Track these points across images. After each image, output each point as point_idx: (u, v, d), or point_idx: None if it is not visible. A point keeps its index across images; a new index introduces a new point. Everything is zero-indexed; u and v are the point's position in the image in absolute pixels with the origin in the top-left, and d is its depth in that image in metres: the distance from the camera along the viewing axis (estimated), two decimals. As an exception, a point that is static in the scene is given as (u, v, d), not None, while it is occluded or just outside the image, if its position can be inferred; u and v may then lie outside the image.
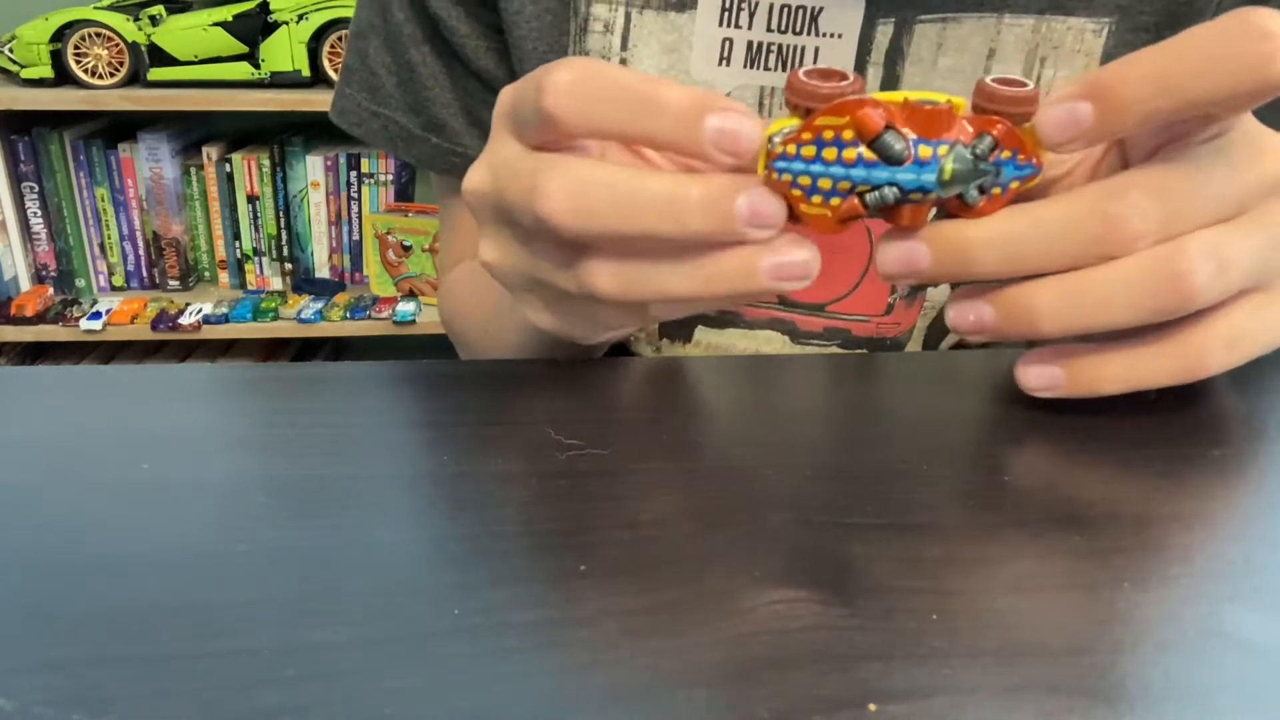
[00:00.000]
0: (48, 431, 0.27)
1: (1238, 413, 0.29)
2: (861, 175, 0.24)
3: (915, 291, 0.50)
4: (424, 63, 0.51)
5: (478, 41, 0.50)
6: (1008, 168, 0.25)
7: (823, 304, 0.50)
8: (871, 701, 0.18)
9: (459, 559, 0.21)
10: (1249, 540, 0.22)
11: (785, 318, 0.51)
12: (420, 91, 0.52)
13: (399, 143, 0.53)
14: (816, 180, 0.25)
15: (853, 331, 0.51)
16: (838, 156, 0.24)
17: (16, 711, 0.17)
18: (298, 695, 0.18)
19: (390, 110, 0.53)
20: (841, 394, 0.31)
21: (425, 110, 0.52)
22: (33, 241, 1.65)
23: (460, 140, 0.52)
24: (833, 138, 0.24)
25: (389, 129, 0.53)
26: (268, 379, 0.31)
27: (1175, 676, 0.18)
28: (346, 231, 1.69)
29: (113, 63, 1.48)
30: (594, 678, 0.18)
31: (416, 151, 0.53)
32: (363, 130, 0.54)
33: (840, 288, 0.50)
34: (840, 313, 0.50)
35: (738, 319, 0.51)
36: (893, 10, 0.43)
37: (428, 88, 0.52)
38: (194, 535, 0.22)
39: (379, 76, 0.53)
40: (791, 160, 0.25)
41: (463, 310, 0.52)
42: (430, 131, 0.52)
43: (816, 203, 0.25)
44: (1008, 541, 0.22)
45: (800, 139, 0.24)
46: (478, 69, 0.50)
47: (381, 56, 0.53)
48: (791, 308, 0.50)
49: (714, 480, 0.25)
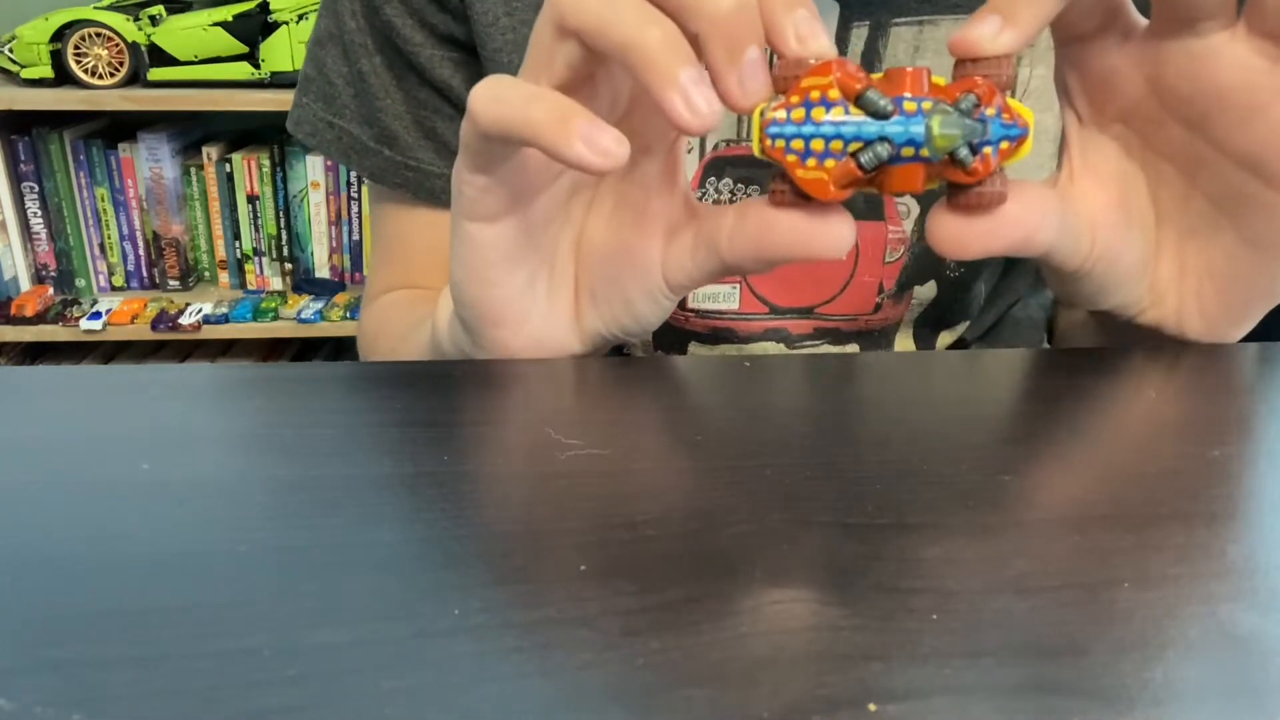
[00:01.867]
0: (48, 431, 0.27)
1: (1238, 413, 0.29)
2: (852, 131, 0.25)
3: (903, 291, 0.50)
4: (375, 73, 0.50)
5: (432, 50, 0.49)
6: (994, 124, 0.26)
7: (811, 307, 0.50)
8: (871, 701, 0.18)
9: (459, 559, 0.21)
10: (1249, 540, 0.22)
11: (779, 325, 0.51)
12: (372, 102, 0.51)
13: (352, 155, 0.52)
14: (809, 142, 0.25)
15: (841, 329, 0.51)
16: (825, 115, 0.25)
17: (16, 711, 0.17)
18: (298, 695, 0.18)
19: (345, 121, 0.52)
20: (841, 394, 0.31)
21: (378, 121, 0.51)
22: (33, 241, 1.65)
23: (412, 153, 0.51)
24: (819, 98, 0.25)
25: (343, 140, 0.52)
26: (268, 379, 0.31)
27: (1175, 676, 0.18)
28: (346, 231, 1.69)
29: (113, 63, 1.48)
30: (594, 678, 0.18)
31: (369, 164, 0.52)
32: (317, 141, 0.53)
33: (828, 290, 0.50)
34: (828, 314, 0.50)
35: (731, 335, 0.51)
36: (867, 14, 0.43)
37: (379, 98, 0.50)
38: (194, 535, 0.22)
39: (335, 86, 0.52)
40: (783, 125, 0.26)
41: (386, 345, 0.50)
42: (383, 144, 0.51)
43: (811, 165, 0.26)
44: (1008, 541, 0.22)
45: (789, 103, 0.25)
46: (432, 79, 0.49)
47: (339, 66, 0.51)
48: (781, 315, 0.50)
49: (714, 480, 0.25)
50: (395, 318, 0.51)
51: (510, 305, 0.31)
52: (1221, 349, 0.34)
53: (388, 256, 0.56)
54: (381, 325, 0.52)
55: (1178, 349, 0.34)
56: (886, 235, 0.48)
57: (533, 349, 0.32)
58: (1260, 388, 0.30)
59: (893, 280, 0.50)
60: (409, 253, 0.54)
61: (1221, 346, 0.34)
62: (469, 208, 0.30)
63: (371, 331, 0.54)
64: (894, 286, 0.50)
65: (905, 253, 0.49)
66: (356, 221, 1.69)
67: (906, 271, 0.50)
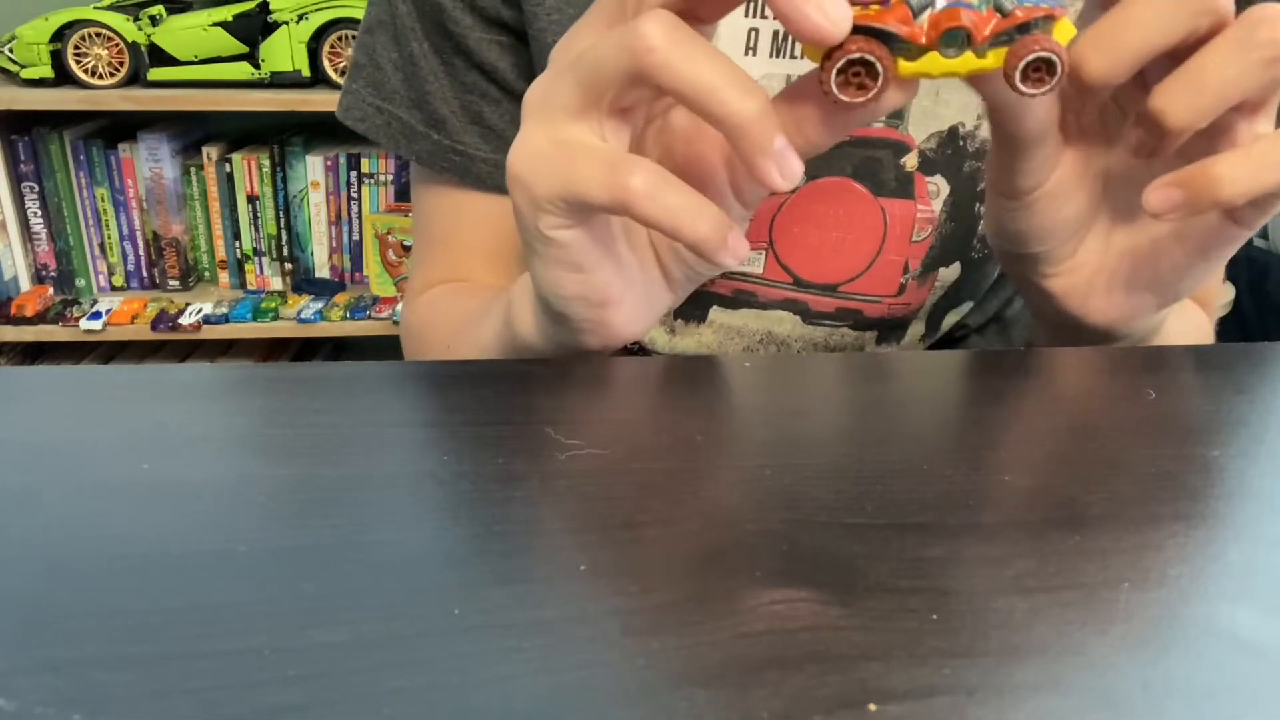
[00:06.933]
0: (48, 431, 0.27)
1: (1238, 413, 0.29)
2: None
3: (927, 272, 0.50)
4: (424, 57, 0.51)
5: (481, 34, 0.49)
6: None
7: (835, 284, 0.50)
8: (871, 701, 0.18)
9: (459, 559, 0.21)
10: (1249, 540, 0.22)
11: (798, 298, 0.51)
12: (421, 86, 0.51)
13: (401, 139, 0.53)
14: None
15: (864, 312, 0.51)
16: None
17: (16, 711, 0.17)
18: (298, 695, 0.17)
19: (394, 106, 0.52)
20: (842, 394, 0.31)
21: (426, 105, 0.52)
22: (33, 241, 1.65)
23: (460, 138, 0.51)
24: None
25: (391, 125, 0.53)
26: (268, 379, 0.31)
27: (1175, 676, 0.18)
28: (346, 231, 1.69)
29: (113, 63, 1.48)
30: (594, 678, 0.18)
31: (418, 148, 0.52)
32: (366, 126, 0.53)
33: (855, 267, 0.50)
34: (853, 293, 0.50)
35: (752, 299, 0.51)
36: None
37: (428, 82, 0.51)
38: (194, 535, 0.22)
39: (385, 71, 0.52)
40: None
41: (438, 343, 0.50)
42: (431, 128, 0.52)
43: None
44: (1008, 541, 0.22)
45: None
46: (480, 61, 0.50)
47: (388, 52, 0.52)
48: (805, 288, 0.50)
49: (714, 480, 0.25)
50: (445, 313, 0.51)
51: (612, 285, 0.32)
52: (1222, 349, 0.34)
53: (430, 247, 0.56)
54: (430, 322, 0.52)
55: (1178, 349, 0.34)
56: (915, 214, 0.48)
57: (637, 316, 0.33)
58: (1260, 388, 0.30)
59: (918, 261, 0.50)
60: (453, 241, 0.55)
61: (1221, 346, 0.34)
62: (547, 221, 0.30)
63: (418, 329, 0.54)
64: (919, 267, 0.50)
65: (933, 233, 0.49)
66: (356, 221, 1.69)
67: (933, 252, 0.50)
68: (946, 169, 0.48)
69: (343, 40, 1.51)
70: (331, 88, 1.52)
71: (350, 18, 1.49)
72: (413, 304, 0.56)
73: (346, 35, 1.50)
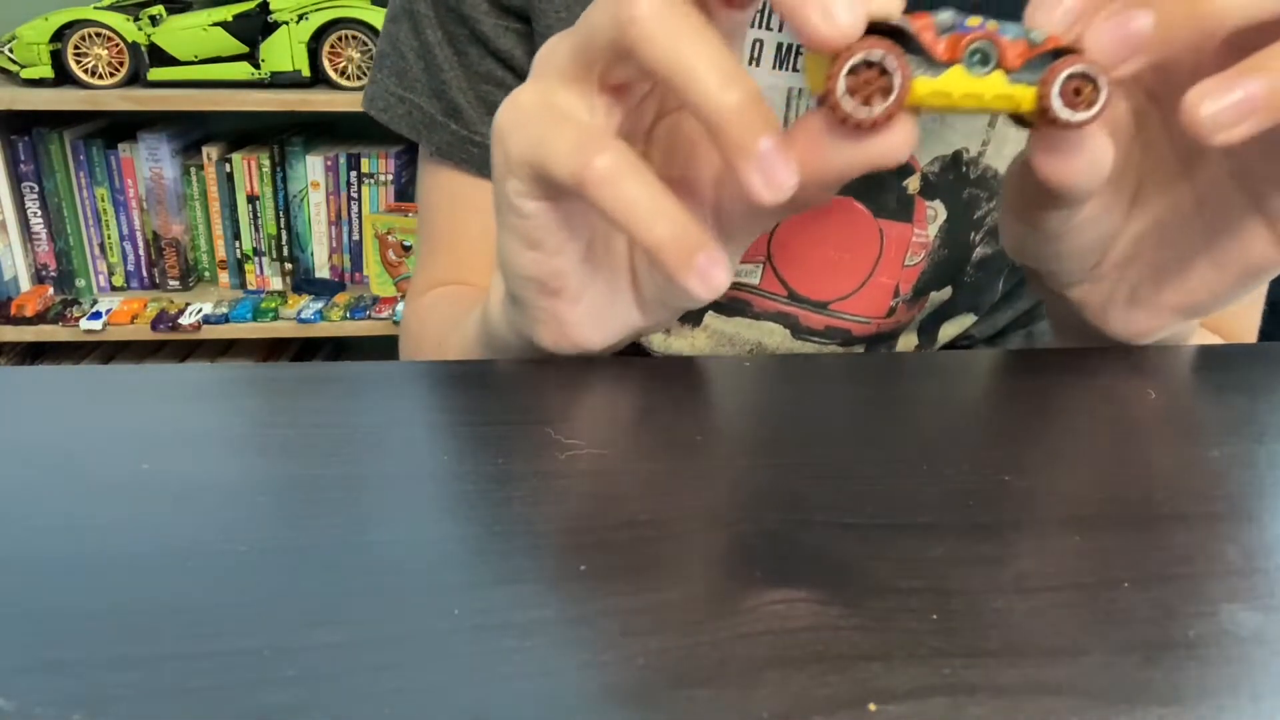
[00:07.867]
0: (48, 431, 0.27)
1: (1238, 413, 0.29)
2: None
3: (918, 296, 0.50)
4: (439, 45, 0.51)
5: (496, 20, 0.49)
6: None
7: (826, 301, 0.50)
8: (871, 701, 0.18)
9: (459, 559, 0.21)
10: (1249, 540, 0.22)
11: (790, 312, 0.51)
12: (438, 74, 0.51)
13: (422, 129, 0.52)
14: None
15: (852, 332, 0.51)
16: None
17: (16, 711, 0.17)
18: (298, 695, 0.17)
19: (415, 95, 0.52)
20: (841, 394, 0.31)
21: (444, 94, 0.51)
22: (33, 241, 1.65)
23: (476, 128, 0.51)
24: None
25: (413, 115, 0.53)
26: (268, 379, 0.31)
27: (1175, 676, 0.18)
28: (346, 231, 1.69)
29: (113, 63, 1.48)
30: (594, 678, 0.18)
31: (438, 139, 0.52)
32: (389, 116, 0.53)
33: (846, 287, 0.50)
34: (842, 312, 0.50)
35: (746, 308, 0.51)
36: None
37: (444, 70, 0.51)
38: (194, 535, 0.22)
39: (407, 60, 0.52)
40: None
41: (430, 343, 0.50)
42: (450, 117, 0.52)
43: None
44: (1008, 541, 0.22)
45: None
46: (496, 48, 0.50)
47: (410, 40, 0.52)
48: (798, 303, 0.50)
49: (714, 480, 0.25)
50: (440, 314, 0.50)
51: (569, 275, 0.29)
52: (1222, 349, 0.34)
53: (434, 246, 0.55)
54: (425, 322, 0.52)
55: (1178, 349, 0.34)
56: (912, 238, 0.48)
57: (593, 321, 0.30)
58: (1260, 388, 0.30)
59: (909, 285, 0.50)
60: (458, 239, 0.54)
61: (1221, 346, 0.34)
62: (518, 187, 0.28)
63: (415, 329, 0.54)
64: (909, 291, 0.50)
65: (925, 258, 0.49)
66: (356, 221, 1.69)
67: (924, 277, 0.50)
68: (946, 194, 0.48)
69: (343, 40, 1.51)
70: (331, 88, 1.52)
71: (350, 18, 1.50)
72: (413, 305, 0.56)
73: (346, 35, 1.50)
